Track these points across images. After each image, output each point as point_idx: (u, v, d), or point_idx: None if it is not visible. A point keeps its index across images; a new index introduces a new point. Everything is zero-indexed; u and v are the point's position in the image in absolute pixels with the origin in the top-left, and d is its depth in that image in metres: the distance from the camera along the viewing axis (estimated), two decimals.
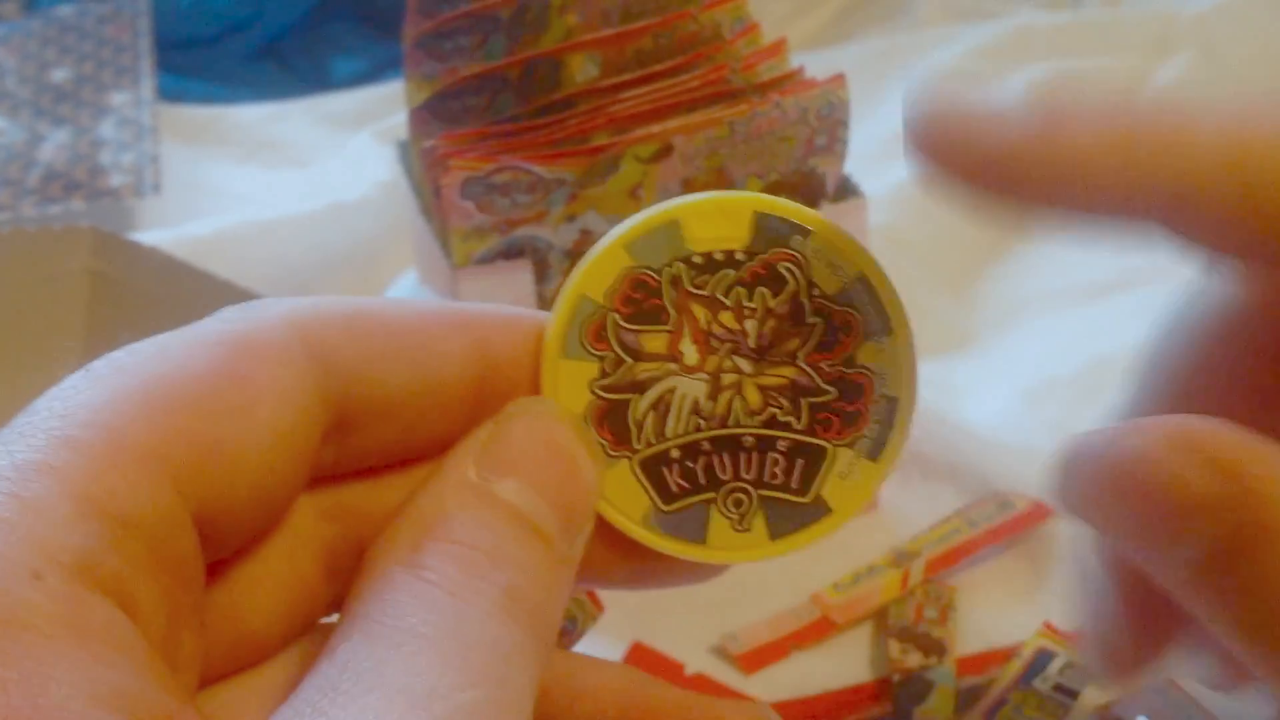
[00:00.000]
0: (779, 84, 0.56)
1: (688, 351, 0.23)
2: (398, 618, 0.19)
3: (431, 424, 0.23)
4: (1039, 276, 0.76)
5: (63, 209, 0.78)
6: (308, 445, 0.21)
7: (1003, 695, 0.48)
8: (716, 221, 0.23)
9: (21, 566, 0.17)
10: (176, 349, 0.20)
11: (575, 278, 0.23)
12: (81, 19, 0.98)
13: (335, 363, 0.21)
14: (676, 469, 0.24)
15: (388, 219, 0.77)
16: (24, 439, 0.19)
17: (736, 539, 0.24)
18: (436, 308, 0.23)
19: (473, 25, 0.60)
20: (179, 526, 0.19)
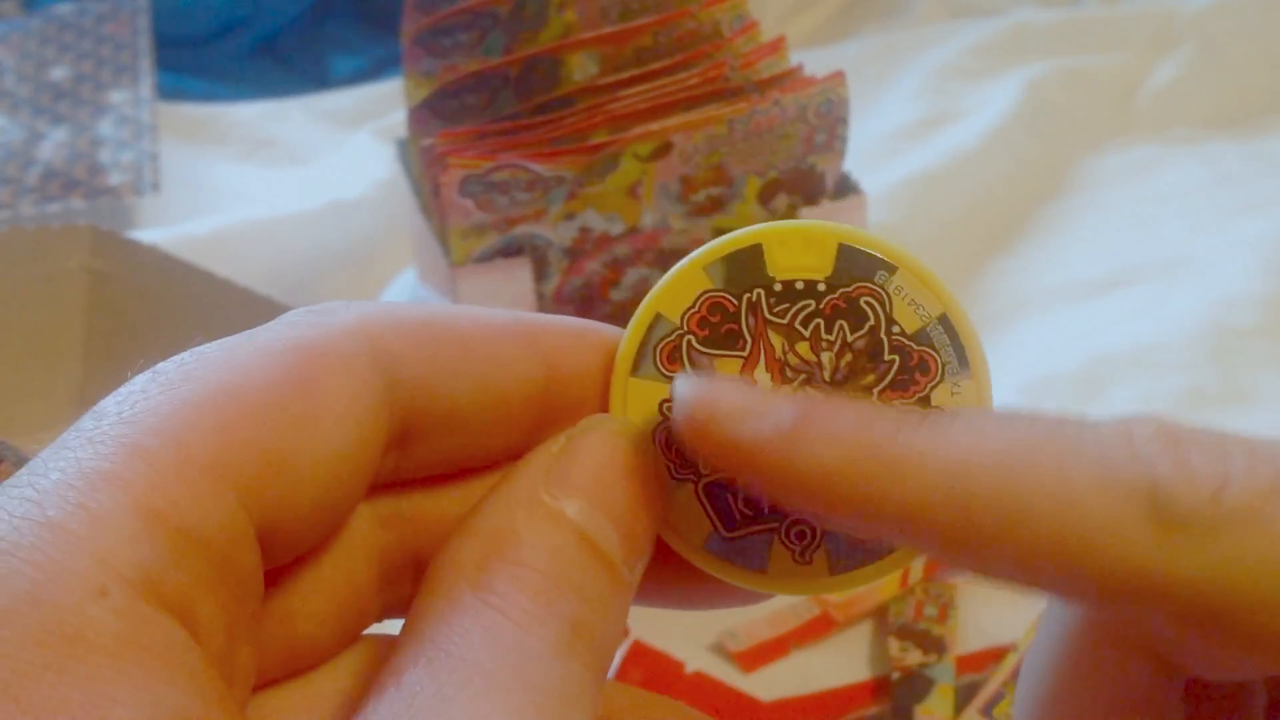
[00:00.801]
0: (778, 81, 0.56)
1: (761, 379, 0.23)
2: (464, 648, 0.19)
3: (494, 435, 0.22)
4: (1038, 274, 0.76)
5: (62, 207, 0.78)
6: (372, 455, 0.21)
7: (999, 691, 0.48)
8: (800, 250, 0.23)
9: (88, 583, 0.17)
10: (244, 355, 0.20)
11: (652, 296, 0.23)
12: (80, 17, 0.98)
13: (402, 372, 0.21)
14: (741, 496, 0.23)
15: (387, 217, 0.77)
16: (92, 445, 0.18)
17: (796, 571, 0.23)
18: (504, 318, 0.22)
19: (471, 22, 0.60)
20: (242, 540, 0.19)
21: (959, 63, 0.93)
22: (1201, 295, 0.70)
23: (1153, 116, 0.88)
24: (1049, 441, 0.20)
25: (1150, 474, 0.19)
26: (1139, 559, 0.19)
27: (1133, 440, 0.19)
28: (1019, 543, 0.19)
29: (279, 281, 0.71)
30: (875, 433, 0.20)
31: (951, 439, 0.20)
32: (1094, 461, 0.19)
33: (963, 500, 0.19)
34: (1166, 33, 0.93)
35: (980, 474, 0.19)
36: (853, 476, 0.20)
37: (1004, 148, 0.83)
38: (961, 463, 0.20)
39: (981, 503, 0.19)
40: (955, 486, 0.19)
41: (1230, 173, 0.82)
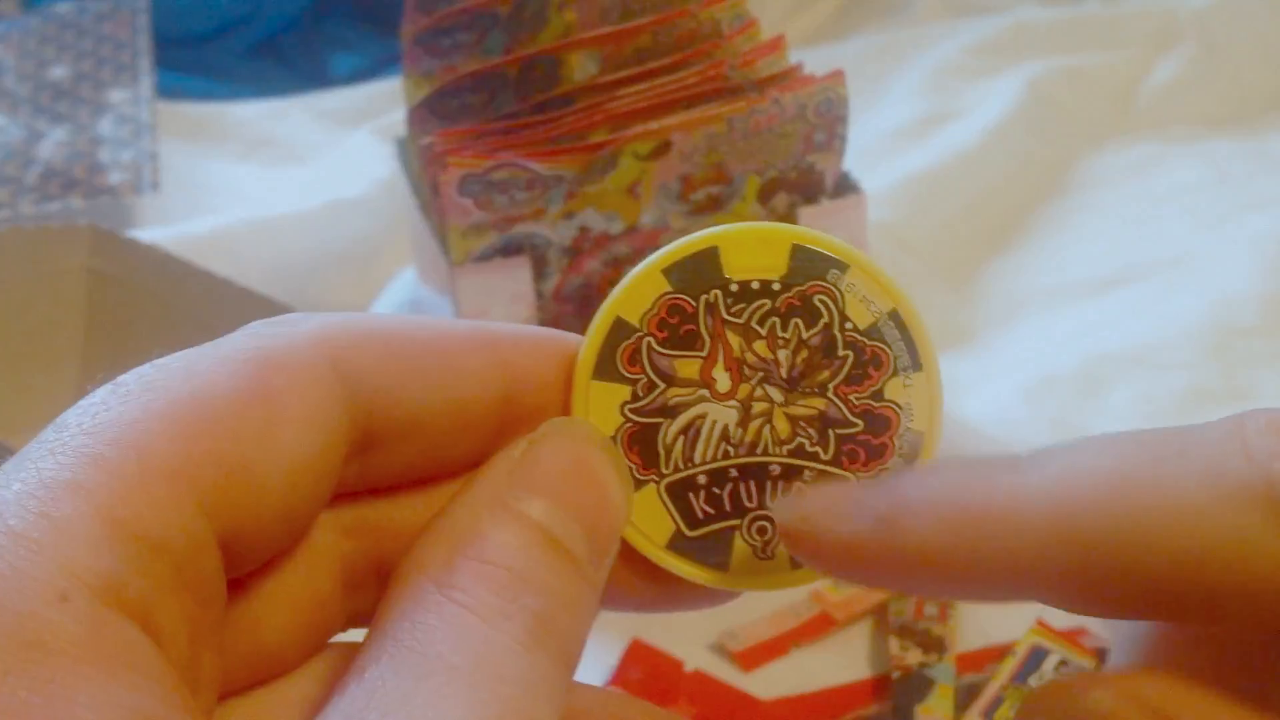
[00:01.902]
0: (778, 80, 0.56)
1: (720, 378, 0.24)
2: (427, 643, 0.19)
3: (455, 443, 0.23)
4: (1038, 273, 0.76)
5: (61, 207, 0.78)
6: (333, 464, 0.21)
7: (999, 693, 0.48)
8: (755, 251, 0.24)
9: (49, 588, 0.17)
10: (205, 366, 0.20)
11: (612, 300, 0.24)
12: (80, 16, 0.98)
13: (362, 382, 0.21)
14: (703, 495, 0.24)
15: (386, 216, 0.77)
16: (54, 456, 0.19)
17: (759, 566, 0.24)
18: (463, 327, 0.23)
19: (471, 22, 0.60)
20: (203, 548, 0.19)
21: (959, 61, 0.93)
22: (1202, 294, 0.70)
23: (1153, 115, 0.88)
24: (1155, 457, 0.19)
25: (1267, 470, 0.18)
26: (1268, 562, 0.18)
27: (1244, 439, 0.19)
28: (1142, 572, 0.19)
29: (279, 281, 0.71)
30: (968, 493, 0.20)
31: (1050, 476, 0.19)
32: (1206, 469, 0.19)
33: (1075, 539, 0.19)
34: (1166, 31, 0.93)
35: (1087, 506, 0.19)
36: (957, 543, 0.20)
37: (1004, 147, 0.83)
38: (1067, 499, 0.19)
39: (1095, 536, 0.19)
40: (1064, 528, 0.19)
41: (1230, 171, 0.82)
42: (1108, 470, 0.19)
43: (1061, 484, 0.19)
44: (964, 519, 0.20)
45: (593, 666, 0.52)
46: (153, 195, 0.80)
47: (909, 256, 0.75)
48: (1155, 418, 0.63)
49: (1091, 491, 0.19)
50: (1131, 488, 0.19)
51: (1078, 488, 0.19)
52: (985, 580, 0.20)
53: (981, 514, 0.20)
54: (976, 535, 0.20)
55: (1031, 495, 0.19)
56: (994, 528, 0.19)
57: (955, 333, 0.72)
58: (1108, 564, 0.19)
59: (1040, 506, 0.19)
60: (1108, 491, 0.19)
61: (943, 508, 0.20)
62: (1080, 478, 0.19)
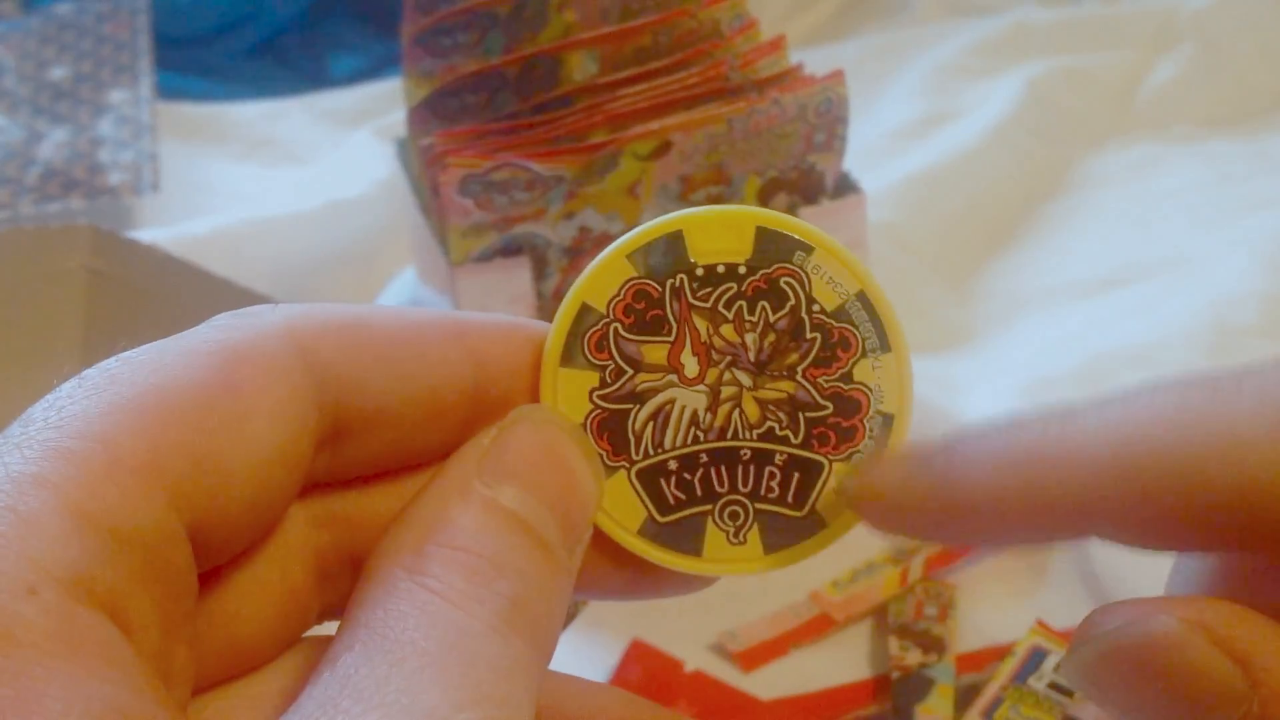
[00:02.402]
0: (778, 80, 0.56)
1: (688, 363, 0.24)
2: (400, 629, 0.19)
3: (425, 433, 0.23)
4: (1038, 273, 0.76)
5: (61, 207, 0.78)
6: (302, 455, 0.21)
7: (999, 694, 0.48)
8: (719, 234, 0.24)
9: (17, 582, 0.17)
10: (171, 358, 0.20)
11: (577, 286, 0.24)
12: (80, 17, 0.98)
13: (330, 372, 0.21)
14: (674, 480, 0.24)
15: (386, 217, 0.77)
16: (19, 450, 0.19)
17: (731, 551, 0.24)
18: (431, 316, 0.23)
19: (471, 21, 0.60)
20: (173, 539, 0.19)
21: (959, 61, 0.93)
22: (1201, 294, 0.70)
23: (1153, 115, 0.88)
24: (1208, 394, 0.20)
25: None
26: None
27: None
28: (1196, 500, 0.19)
29: (279, 281, 0.71)
30: (1026, 437, 0.21)
31: (1108, 417, 0.20)
32: (1258, 405, 0.19)
33: (1131, 470, 0.20)
34: (1166, 31, 0.93)
35: (1143, 440, 0.20)
36: (1017, 484, 0.20)
37: (1004, 147, 0.83)
38: (1124, 435, 0.20)
39: (1150, 467, 0.19)
40: (1122, 462, 0.20)
41: (1230, 171, 0.82)
42: (1165, 406, 0.20)
43: (1121, 422, 0.20)
44: (1024, 459, 0.20)
45: (593, 667, 0.52)
46: (153, 195, 0.80)
47: (909, 256, 0.75)
48: None
49: (1150, 427, 0.20)
50: (1188, 422, 0.19)
51: (1137, 424, 0.20)
52: (1048, 519, 0.20)
53: (1040, 454, 0.20)
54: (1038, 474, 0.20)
55: (1092, 434, 0.20)
56: (1055, 465, 0.20)
57: (955, 333, 0.72)
58: (1167, 496, 0.19)
59: (1101, 443, 0.20)
60: (1165, 426, 0.20)
61: (1001, 453, 0.21)
62: (1139, 415, 0.20)
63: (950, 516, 0.21)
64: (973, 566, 0.55)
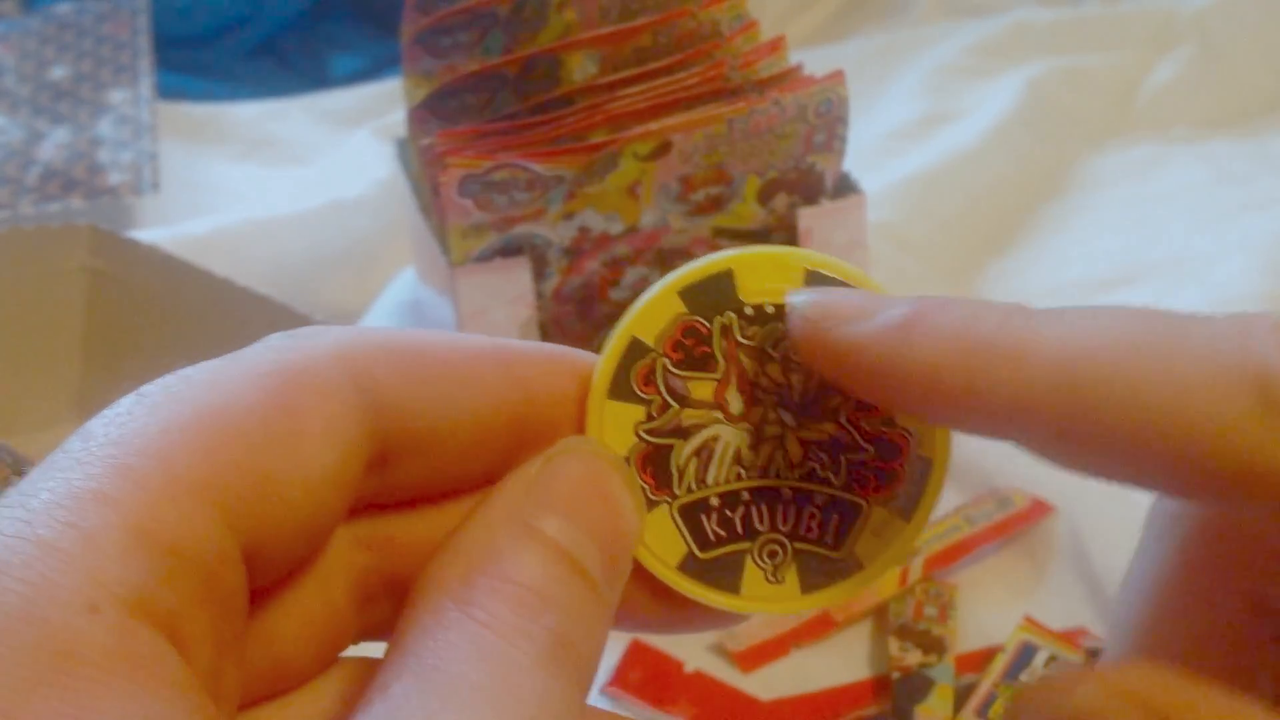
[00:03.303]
0: (778, 81, 0.56)
1: (733, 401, 0.24)
2: (450, 661, 0.19)
3: (470, 459, 0.23)
4: (1038, 274, 0.76)
5: (61, 207, 0.78)
6: (352, 477, 0.21)
7: (992, 691, 0.48)
8: (770, 275, 0.24)
9: (79, 599, 0.17)
10: (228, 377, 0.20)
11: (627, 319, 0.24)
12: (80, 17, 0.98)
13: (381, 396, 0.21)
14: (715, 517, 0.24)
15: (386, 217, 0.77)
16: (81, 466, 0.19)
17: (769, 590, 0.24)
18: (481, 344, 0.23)
19: (470, 21, 0.60)
20: (228, 559, 0.19)
21: (959, 62, 0.93)
22: (1201, 294, 0.70)
23: (1153, 116, 0.88)
24: (1162, 332, 0.20)
25: (1262, 363, 0.19)
26: (1246, 447, 0.19)
27: (1251, 331, 0.19)
28: (1127, 431, 0.19)
29: (279, 281, 0.71)
30: (985, 324, 0.21)
31: (1063, 328, 0.20)
32: (1206, 351, 0.19)
33: (1072, 387, 0.20)
34: (1166, 32, 0.93)
35: (1090, 362, 0.20)
36: (963, 367, 0.20)
37: (1004, 147, 0.83)
38: (1072, 351, 0.20)
39: (1090, 390, 0.20)
40: (1065, 374, 0.20)
41: (1230, 172, 0.82)
42: (1116, 334, 0.20)
43: (1072, 338, 0.20)
44: (976, 345, 0.20)
45: None
46: (153, 195, 0.80)
47: (909, 256, 0.75)
48: None
49: (1097, 351, 0.20)
50: (1135, 353, 0.20)
51: (1086, 345, 0.20)
52: (979, 411, 0.21)
53: (993, 345, 0.20)
54: (983, 364, 0.20)
55: (1042, 341, 0.20)
56: (1001, 362, 0.20)
57: None
58: (1098, 420, 0.20)
59: (1048, 353, 0.20)
60: (1112, 352, 0.20)
61: (959, 330, 0.21)
62: (1090, 336, 0.20)
63: (888, 373, 0.21)
64: (973, 566, 0.55)
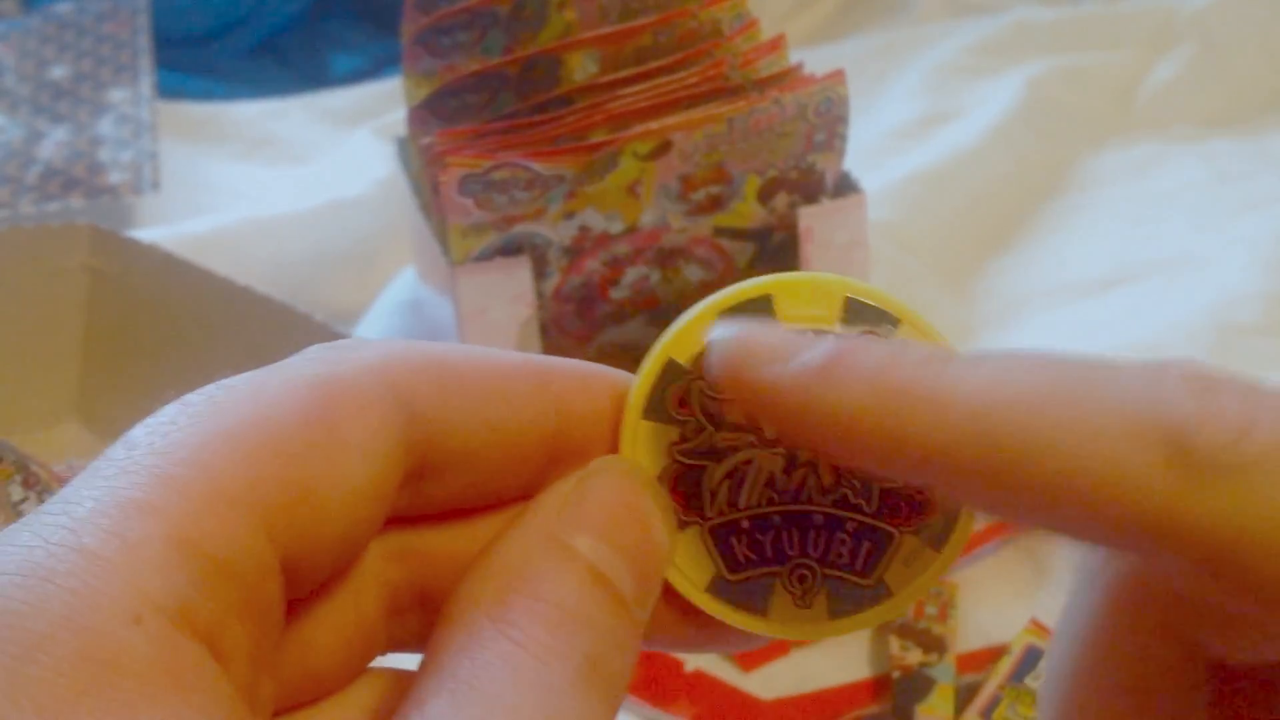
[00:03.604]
0: (778, 80, 0.56)
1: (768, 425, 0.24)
2: (487, 681, 0.19)
3: (504, 476, 0.23)
4: (1038, 272, 0.76)
5: (61, 206, 0.78)
6: (390, 490, 0.21)
7: (996, 693, 0.48)
8: (809, 300, 0.24)
9: (123, 609, 0.17)
10: (271, 390, 0.20)
11: (665, 341, 0.24)
12: (80, 16, 0.98)
13: (419, 410, 0.21)
14: (745, 540, 0.24)
15: (386, 216, 0.77)
16: (126, 475, 0.19)
17: (797, 614, 0.24)
18: (518, 360, 0.23)
19: (471, 21, 0.60)
20: (268, 571, 0.19)
21: (959, 61, 0.93)
22: (1202, 293, 0.70)
23: (1153, 114, 0.88)
24: (1077, 380, 0.20)
25: (1175, 414, 0.19)
26: (1158, 499, 0.19)
27: (1163, 381, 0.19)
28: (1040, 481, 0.19)
29: (279, 280, 0.71)
30: (902, 370, 0.20)
31: (979, 376, 0.20)
32: (1120, 400, 0.19)
33: (986, 437, 0.20)
34: (1167, 31, 0.93)
35: (1005, 410, 0.20)
36: (878, 413, 0.20)
37: (1004, 146, 0.83)
38: (987, 399, 0.20)
39: (1005, 439, 0.19)
40: (979, 422, 0.20)
41: (1230, 171, 0.82)
42: (1033, 383, 0.20)
43: (988, 386, 0.20)
44: (892, 391, 0.20)
45: None
46: (153, 195, 0.80)
47: (909, 256, 0.75)
48: None
49: (1013, 399, 0.20)
50: (1048, 403, 0.19)
51: (1002, 392, 0.20)
52: (896, 456, 0.20)
53: (910, 392, 0.20)
54: (899, 410, 0.20)
55: (959, 389, 0.20)
56: (918, 408, 0.20)
57: (955, 333, 0.72)
58: (1012, 470, 0.19)
59: (964, 401, 0.20)
60: (1027, 402, 0.20)
61: (875, 376, 0.20)
62: (1006, 384, 0.20)
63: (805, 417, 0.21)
64: (973, 566, 0.55)
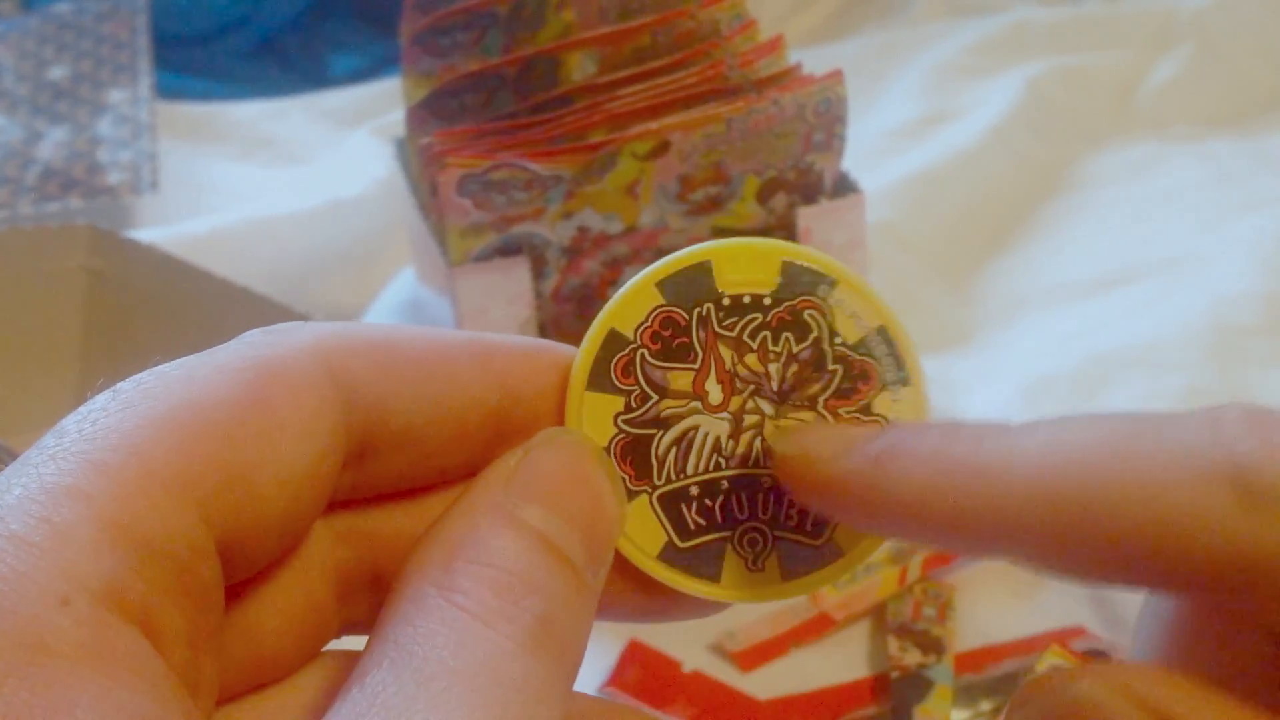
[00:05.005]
0: (777, 80, 0.56)
1: (712, 391, 0.24)
2: (429, 647, 0.19)
3: (449, 453, 0.23)
4: (1037, 273, 0.76)
5: (60, 207, 0.78)
6: (329, 472, 0.21)
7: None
8: (746, 266, 0.24)
9: (50, 592, 0.17)
10: (203, 374, 0.20)
11: (606, 312, 0.24)
12: (80, 16, 0.98)
13: (358, 391, 0.21)
14: (695, 506, 0.24)
15: (385, 216, 0.77)
16: (55, 461, 0.19)
17: (749, 578, 0.24)
18: (459, 338, 0.23)
19: (470, 21, 0.60)
20: (203, 553, 0.19)
21: (958, 61, 0.93)
22: (1201, 293, 0.70)
23: (1152, 115, 0.88)
24: (1134, 435, 0.20)
25: (1234, 454, 0.19)
26: (1229, 539, 0.19)
27: (1218, 425, 0.20)
28: (1112, 538, 0.20)
29: (278, 280, 0.71)
30: (959, 448, 0.21)
31: (1035, 442, 0.21)
32: (1179, 449, 0.20)
33: (1052, 501, 0.20)
34: (1166, 31, 0.93)
35: (1067, 473, 0.20)
36: (941, 492, 0.21)
37: (1003, 146, 0.83)
38: (1048, 465, 0.20)
39: (1070, 501, 0.20)
40: (1043, 489, 0.20)
41: (1230, 171, 0.82)
42: (1091, 443, 0.20)
43: (1047, 450, 0.20)
44: (952, 470, 0.21)
45: (590, 667, 0.52)
46: (152, 195, 0.80)
47: (909, 256, 0.75)
48: None
49: (1073, 461, 0.20)
50: (1111, 460, 0.20)
51: (1061, 456, 0.20)
52: (965, 532, 0.21)
53: (969, 468, 0.21)
54: (962, 487, 0.21)
55: (1018, 457, 0.21)
56: (980, 483, 0.21)
57: (955, 333, 0.72)
58: (1083, 529, 0.20)
59: (1025, 469, 0.20)
60: (1088, 462, 0.20)
61: (933, 457, 0.21)
62: (1064, 447, 0.20)
63: (871, 506, 0.22)
64: (971, 566, 0.55)
